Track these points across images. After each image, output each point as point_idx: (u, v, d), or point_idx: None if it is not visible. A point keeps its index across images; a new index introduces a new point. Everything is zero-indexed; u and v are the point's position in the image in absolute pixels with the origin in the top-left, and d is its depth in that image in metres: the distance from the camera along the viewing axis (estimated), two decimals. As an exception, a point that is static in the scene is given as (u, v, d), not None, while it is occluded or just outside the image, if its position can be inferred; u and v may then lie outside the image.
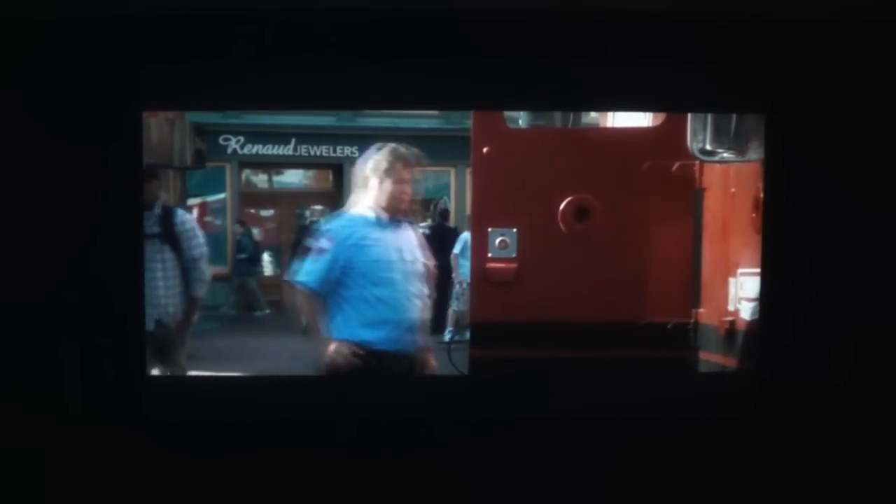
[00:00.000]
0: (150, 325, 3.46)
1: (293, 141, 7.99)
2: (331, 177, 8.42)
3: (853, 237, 3.07)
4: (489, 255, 3.79)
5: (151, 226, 3.70)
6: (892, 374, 3.10)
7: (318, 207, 8.33)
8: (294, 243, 7.59)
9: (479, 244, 3.81)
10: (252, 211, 8.09)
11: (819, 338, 3.13)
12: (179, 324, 3.74)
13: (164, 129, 6.19)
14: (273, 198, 8.38)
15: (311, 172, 8.47)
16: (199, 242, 4.03)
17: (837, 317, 3.11)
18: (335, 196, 8.24)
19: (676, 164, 3.66)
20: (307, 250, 3.81)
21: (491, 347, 3.67)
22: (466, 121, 7.73)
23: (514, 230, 3.77)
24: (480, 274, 3.81)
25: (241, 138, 7.79)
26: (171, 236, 3.86)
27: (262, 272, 6.24)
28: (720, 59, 3.01)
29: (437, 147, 7.98)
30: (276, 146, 7.90)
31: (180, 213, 4.10)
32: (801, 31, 2.97)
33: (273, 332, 5.33)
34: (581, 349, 3.49)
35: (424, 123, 7.88)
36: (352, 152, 8.07)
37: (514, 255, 3.77)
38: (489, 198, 3.81)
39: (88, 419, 3.03)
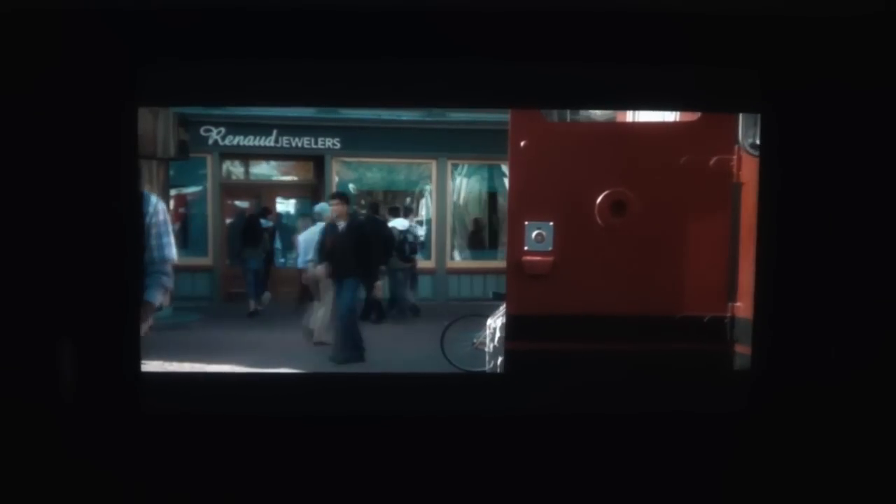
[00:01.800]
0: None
1: (274, 132, 7.85)
2: (312, 168, 8.31)
3: (850, 233, 3.14)
4: (525, 248, 3.78)
5: None
6: (887, 367, 3.18)
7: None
8: (242, 232, 7.49)
9: (516, 237, 3.79)
10: (230, 202, 7.94)
11: (815, 332, 3.18)
12: None
13: (148, 121, 6.02)
14: (254, 189, 8.24)
15: (292, 163, 8.35)
16: (170, 241, 3.35)
17: (833, 311, 3.17)
18: (317, 187, 8.14)
19: (714, 159, 3.69)
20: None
21: (527, 340, 3.66)
22: (448, 113, 7.75)
23: (551, 223, 3.76)
24: (516, 267, 3.79)
25: (223, 129, 7.61)
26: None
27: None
28: (716, 60, 3.05)
29: (418, 139, 7.98)
30: (258, 137, 7.75)
31: (154, 201, 3.41)
32: (794, 30, 3.01)
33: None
34: (617, 342, 3.49)
35: (406, 115, 7.85)
36: (333, 144, 7.98)
37: (550, 249, 3.76)
38: (526, 191, 3.79)
39: (83, 416, 2.96)
